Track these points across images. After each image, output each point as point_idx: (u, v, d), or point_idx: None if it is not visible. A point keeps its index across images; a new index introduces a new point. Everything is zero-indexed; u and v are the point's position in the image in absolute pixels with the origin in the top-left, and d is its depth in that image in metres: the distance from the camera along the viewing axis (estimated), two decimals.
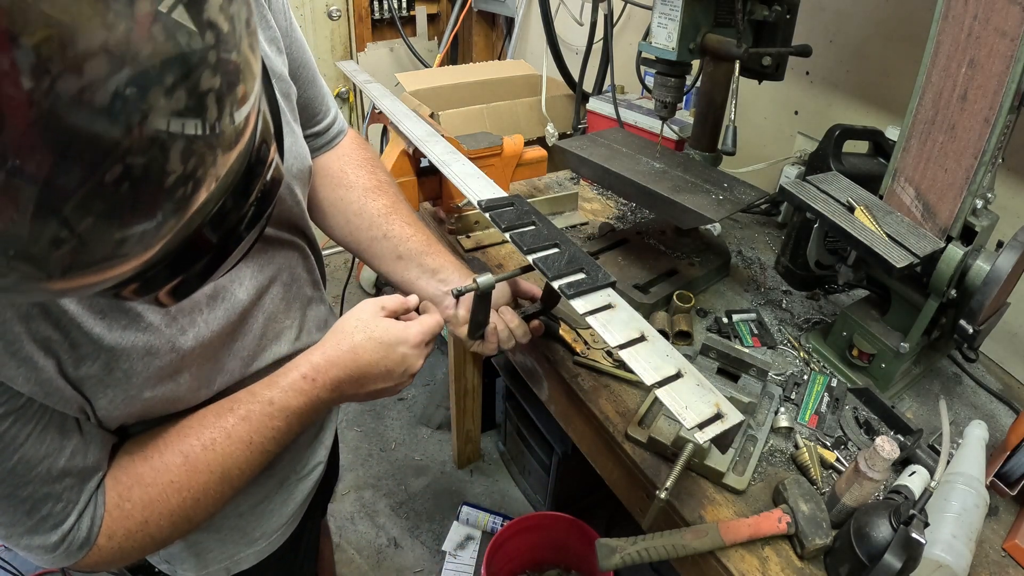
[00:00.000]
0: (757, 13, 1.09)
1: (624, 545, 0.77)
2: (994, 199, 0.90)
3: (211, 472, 0.64)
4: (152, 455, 0.63)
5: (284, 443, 0.70)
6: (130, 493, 0.61)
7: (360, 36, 2.67)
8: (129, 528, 0.61)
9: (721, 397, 0.65)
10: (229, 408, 0.66)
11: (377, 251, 0.87)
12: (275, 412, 0.67)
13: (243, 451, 0.66)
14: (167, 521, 0.62)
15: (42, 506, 0.56)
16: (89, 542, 0.59)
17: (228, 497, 0.67)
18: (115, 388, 0.57)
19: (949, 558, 0.71)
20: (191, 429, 0.64)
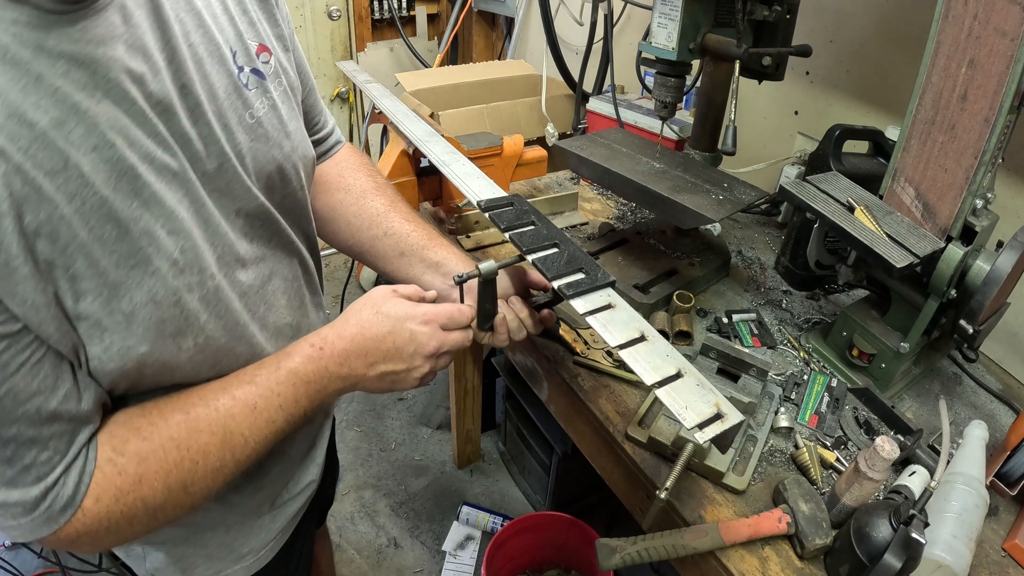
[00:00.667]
0: (757, 13, 1.09)
1: (624, 545, 0.77)
2: (994, 199, 0.90)
3: (212, 433, 0.60)
4: (151, 411, 0.60)
5: (292, 419, 0.66)
6: (125, 447, 0.57)
7: (360, 36, 2.67)
8: (120, 487, 0.56)
9: (721, 397, 0.65)
10: (235, 376, 0.64)
11: (379, 250, 0.86)
12: (282, 377, 0.65)
13: (247, 415, 0.62)
14: (162, 483, 0.58)
15: (26, 452, 0.51)
16: (74, 503, 0.54)
17: (228, 471, 0.63)
18: (113, 334, 0.53)
19: (949, 558, 0.71)
20: (193, 392, 0.62)
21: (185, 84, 0.56)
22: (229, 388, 0.63)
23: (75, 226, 0.48)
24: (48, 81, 0.46)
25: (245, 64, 0.64)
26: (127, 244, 0.52)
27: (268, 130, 0.66)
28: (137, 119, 0.52)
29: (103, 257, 0.51)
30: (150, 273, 0.54)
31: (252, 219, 0.66)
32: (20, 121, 0.45)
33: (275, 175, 0.68)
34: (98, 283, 0.51)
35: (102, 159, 0.50)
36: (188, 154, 0.57)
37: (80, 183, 0.48)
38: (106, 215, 0.50)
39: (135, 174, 0.52)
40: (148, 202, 0.53)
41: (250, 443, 0.63)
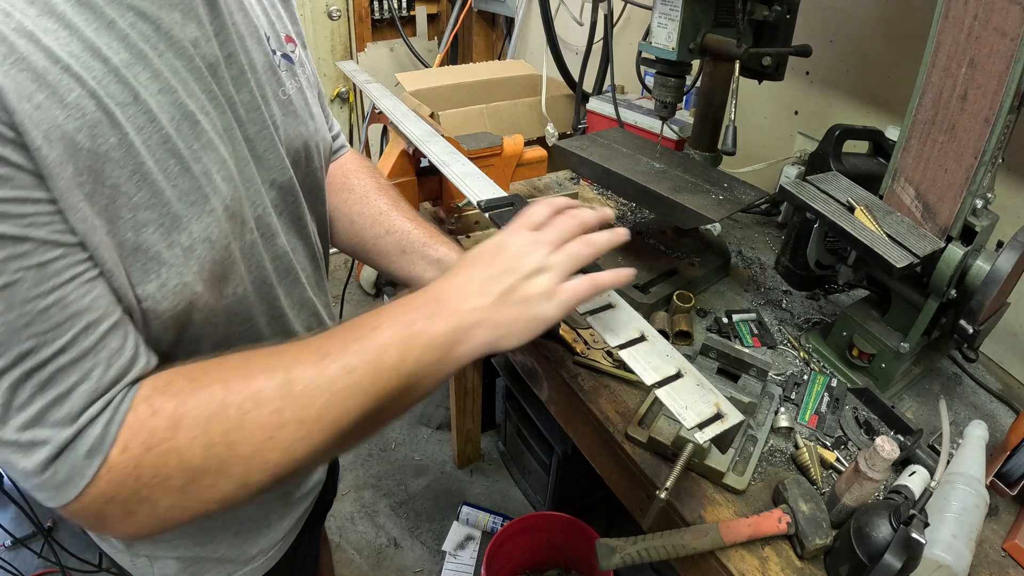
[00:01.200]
0: (757, 13, 1.09)
1: (624, 545, 0.77)
2: (994, 199, 0.90)
3: (270, 377, 0.51)
4: (209, 357, 0.53)
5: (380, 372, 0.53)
6: (167, 387, 0.50)
7: (360, 36, 2.67)
8: (153, 432, 0.47)
9: (721, 397, 0.65)
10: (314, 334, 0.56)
11: (382, 248, 0.87)
12: (362, 321, 0.56)
13: (316, 361, 0.52)
14: (202, 431, 0.48)
15: (63, 379, 0.45)
16: (101, 448, 0.46)
17: (290, 434, 0.50)
18: (171, 268, 0.51)
19: (949, 558, 0.71)
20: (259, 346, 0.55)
21: (231, 54, 0.59)
22: (302, 340, 0.55)
23: (143, 155, 0.49)
24: (119, 27, 0.48)
25: (277, 48, 0.68)
26: (188, 180, 0.52)
27: (297, 108, 0.69)
28: (195, 74, 0.54)
29: (166, 188, 0.51)
30: (207, 212, 0.54)
31: (283, 192, 0.68)
32: (94, 55, 0.47)
33: (301, 151, 0.70)
34: (160, 213, 0.50)
35: (167, 101, 0.51)
36: (234, 116, 0.59)
37: (147, 118, 0.50)
38: (170, 150, 0.51)
39: (195, 119, 0.54)
40: (206, 147, 0.54)
41: (317, 400, 0.51)
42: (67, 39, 0.45)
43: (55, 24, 0.45)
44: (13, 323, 0.43)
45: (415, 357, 0.54)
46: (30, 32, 0.43)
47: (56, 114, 0.44)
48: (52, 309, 0.44)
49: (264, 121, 0.63)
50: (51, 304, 0.44)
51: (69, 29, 0.46)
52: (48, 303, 0.44)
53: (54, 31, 0.45)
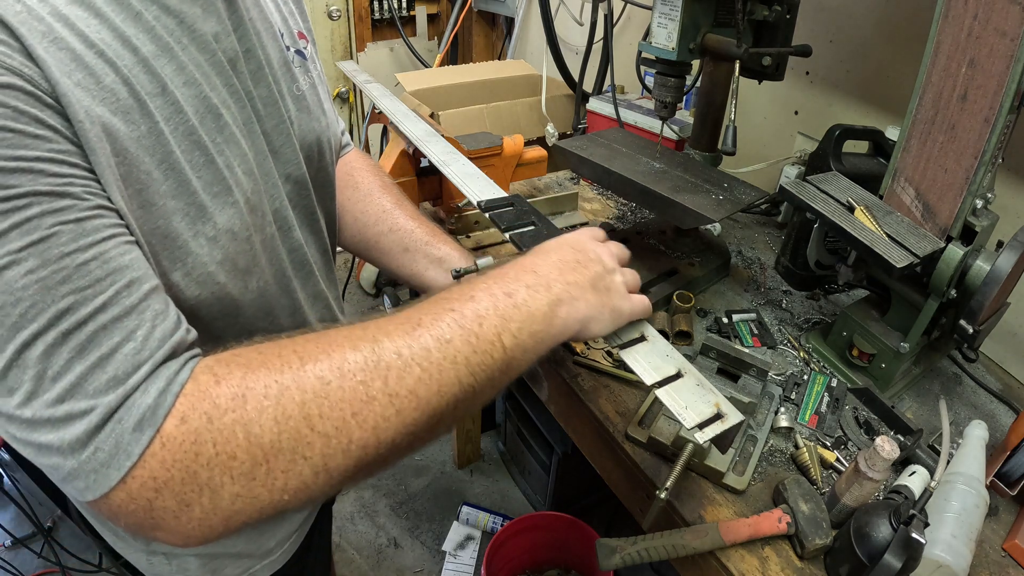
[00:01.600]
0: (757, 13, 1.09)
1: (624, 545, 0.77)
2: (994, 199, 0.90)
3: (354, 347, 0.45)
4: (276, 337, 0.48)
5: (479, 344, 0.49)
6: (233, 358, 0.44)
7: (360, 36, 2.67)
8: (217, 402, 0.41)
9: (721, 397, 0.65)
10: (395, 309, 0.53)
11: (384, 246, 0.88)
12: (454, 292, 0.53)
13: (407, 331, 0.47)
14: (274, 402, 0.42)
15: (105, 339, 0.40)
16: (155, 418, 0.40)
17: (380, 409, 0.45)
18: (196, 257, 0.51)
19: (949, 558, 0.71)
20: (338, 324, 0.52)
21: (249, 49, 0.59)
22: (384, 315, 0.50)
23: (171, 144, 0.49)
24: (146, 19, 0.49)
25: (290, 44, 0.69)
26: (212, 171, 0.53)
27: (310, 104, 0.70)
28: (216, 68, 0.55)
29: (192, 178, 0.51)
30: (230, 203, 0.54)
31: (297, 186, 0.68)
32: (124, 44, 0.47)
33: (314, 146, 0.71)
34: (186, 203, 0.50)
35: (192, 94, 0.52)
36: (253, 110, 0.60)
37: (174, 109, 0.50)
38: (195, 142, 0.52)
39: (218, 113, 0.54)
40: (228, 140, 0.55)
41: (413, 369, 0.46)
42: (98, 27, 0.46)
43: (85, 12, 0.46)
44: (48, 280, 0.39)
45: (515, 329, 0.51)
46: (65, 16, 0.44)
47: (95, 94, 0.45)
48: (92, 264, 0.41)
49: (281, 116, 0.64)
50: (90, 259, 0.41)
51: (100, 18, 0.46)
52: (87, 257, 0.41)
53: (85, 19, 0.46)
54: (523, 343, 0.52)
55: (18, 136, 0.40)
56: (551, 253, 0.60)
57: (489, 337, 0.50)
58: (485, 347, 0.49)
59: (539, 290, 0.54)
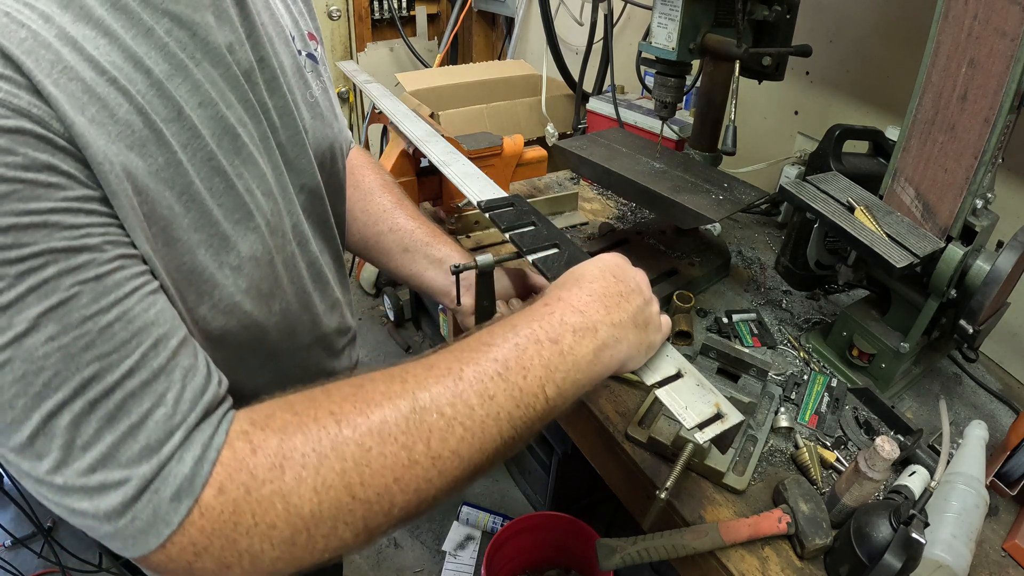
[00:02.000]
0: (757, 13, 1.09)
1: (624, 545, 0.77)
2: (994, 199, 0.90)
3: (394, 407, 0.43)
4: (313, 388, 0.46)
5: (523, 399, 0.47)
6: (268, 421, 0.43)
7: (360, 36, 2.67)
8: (255, 472, 0.40)
9: (721, 397, 0.65)
10: (433, 351, 0.50)
11: (384, 245, 0.87)
12: (497, 337, 0.49)
13: (449, 386, 0.45)
14: (312, 472, 0.40)
15: (134, 407, 0.39)
16: (192, 488, 0.39)
17: (422, 472, 0.43)
18: (222, 289, 0.50)
19: (949, 558, 0.71)
20: (372, 371, 0.48)
21: (263, 57, 0.57)
22: (421, 359, 0.48)
23: (190, 174, 0.47)
24: (158, 35, 0.46)
25: (302, 48, 0.66)
26: (233, 197, 0.51)
27: (323, 110, 0.68)
28: (231, 83, 0.52)
29: (214, 208, 0.49)
30: (252, 228, 0.52)
31: (311, 196, 0.67)
32: (136, 66, 0.44)
33: (327, 153, 0.69)
34: (210, 233, 0.48)
35: (207, 115, 0.49)
36: (268, 123, 0.58)
37: (192, 134, 0.47)
38: (214, 168, 0.49)
39: (235, 133, 0.52)
40: (246, 162, 0.53)
41: (455, 430, 0.44)
42: (107, 48, 0.43)
43: (93, 31, 0.42)
44: (70, 347, 0.38)
45: (559, 379, 0.49)
46: (73, 40, 0.41)
47: (110, 130, 0.41)
48: (115, 326, 0.39)
49: (296, 126, 0.61)
50: (114, 320, 0.39)
51: (108, 37, 0.43)
52: (110, 319, 0.39)
53: (93, 39, 0.42)
54: (565, 392, 0.50)
55: (29, 187, 0.37)
56: (595, 283, 0.57)
57: (533, 390, 0.48)
58: (528, 400, 0.48)
59: (585, 335, 0.52)
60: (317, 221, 0.70)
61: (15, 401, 0.37)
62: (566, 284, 0.58)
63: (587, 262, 0.62)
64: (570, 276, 0.60)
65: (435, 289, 0.87)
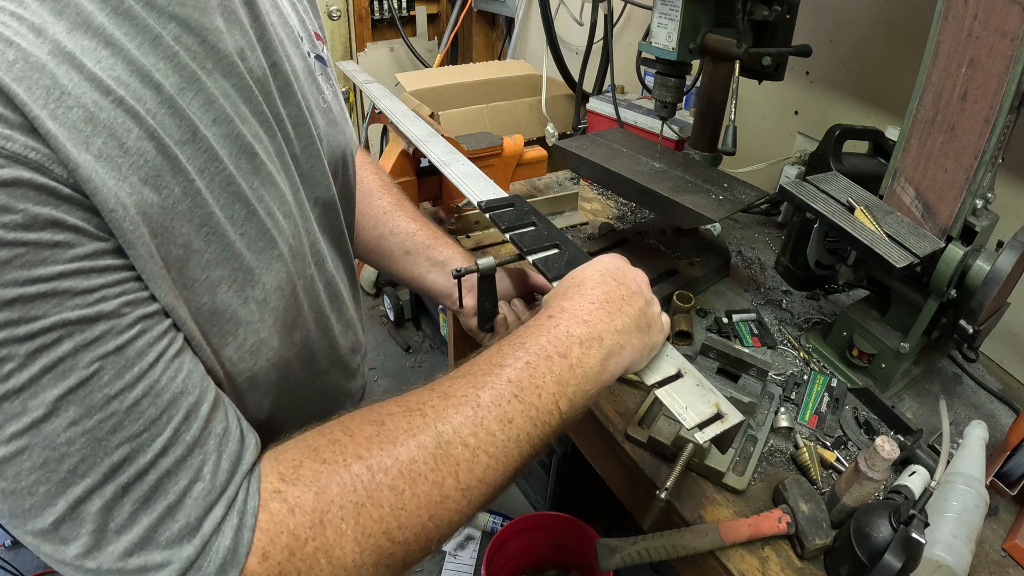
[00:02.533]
0: (757, 13, 1.09)
1: (624, 545, 0.77)
2: (994, 199, 0.90)
3: (420, 445, 0.43)
4: (332, 427, 0.45)
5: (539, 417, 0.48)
6: (297, 472, 0.41)
7: (360, 36, 2.67)
8: (295, 532, 0.39)
9: (721, 397, 0.65)
10: (442, 377, 0.50)
11: (385, 248, 0.87)
12: (508, 358, 0.49)
13: (470, 415, 0.45)
14: (353, 524, 0.41)
15: (171, 486, 0.37)
16: (236, 561, 0.38)
17: (454, 504, 0.44)
18: (247, 327, 0.46)
19: (949, 558, 0.71)
20: (386, 401, 0.48)
21: (275, 63, 0.52)
22: (435, 387, 0.48)
23: (209, 203, 0.42)
24: (166, 44, 0.41)
25: (311, 50, 0.62)
26: (255, 224, 0.46)
27: (336, 115, 0.64)
28: (244, 95, 0.47)
29: (236, 238, 0.44)
30: (276, 257, 0.48)
31: (326, 209, 0.62)
32: (144, 81, 0.39)
33: (339, 162, 0.65)
34: (232, 268, 0.44)
35: (223, 133, 0.44)
36: (283, 135, 0.53)
37: (208, 156, 0.42)
38: (234, 193, 0.44)
39: (252, 151, 0.46)
40: (266, 182, 0.48)
41: (480, 459, 0.45)
42: (110, 61, 0.38)
43: (93, 41, 0.37)
44: (96, 431, 0.35)
45: (571, 393, 0.50)
46: (70, 55, 0.36)
47: (120, 164, 0.37)
48: (143, 402, 0.36)
49: (311, 136, 0.57)
50: (140, 397, 0.36)
51: (111, 47, 0.38)
52: (137, 396, 0.36)
53: (93, 51, 0.37)
54: (576, 404, 0.51)
55: (33, 250, 0.33)
56: (596, 289, 0.56)
57: (548, 407, 0.48)
58: (544, 418, 0.48)
59: (592, 346, 0.52)
60: (332, 236, 0.65)
61: (35, 488, 0.34)
62: (568, 292, 0.57)
63: (586, 265, 0.62)
64: (571, 282, 0.59)
65: (437, 291, 0.86)
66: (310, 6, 0.69)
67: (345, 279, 0.69)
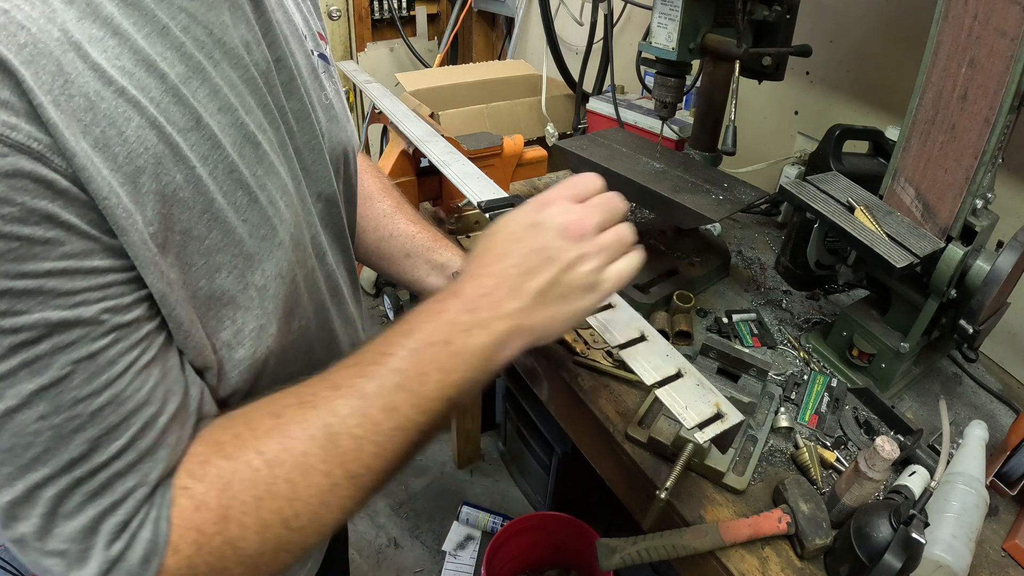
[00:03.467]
0: (757, 13, 1.09)
1: (624, 545, 0.77)
2: (994, 199, 0.90)
3: (310, 438, 0.45)
4: (235, 419, 0.48)
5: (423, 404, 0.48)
6: (204, 469, 0.44)
7: (360, 36, 2.67)
8: (201, 528, 0.43)
9: (721, 397, 0.65)
10: (335, 366, 0.51)
11: (385, 251, 0.87)
12: (393, 346, 0.49)
13: (355, 407, 0.47)
14: (253, 517, 0.44)
15: (119, 485, 0.40)
16: (157, 551, 0.41)
17: (343, 493, 0.47)
18: (247, 312, 0.48)
19: (949, 558, 0.71)
20: (285, 391, 0.50)
21: (280, 58, 0.54)
22: (328, 376, 0.50)
23: (212, 190, 0.44)
24: (173, 34, 0.42)
25: (314, 48, 0.64)
26: (257, 212, 0.48)
27: (337, 112, 0.65)
28: (250, 86, 0.49)
29: (237, 225, 0.46)
30: (277, 244, 0.49)
31: (328, 204, 0.63)
32: (149, 70, 0.41)
33: (341, 158, 0.66)
34: (233, 254, 0.46)
35: (228, 122, 0.46)
36: (286, 128, 0.54)
37: (211, 144, 0.44)
38: (237, 180, 0.46)
39: (256, 141, 0.48)
40: (269, 171, 0.49)
41: (366, 448, 0.47)
42: (116, 50, 0.39)
43: (101, 30, 0.38)
44: (61, 428, 0.38)
45: (457, 379, 0.50)
46: (76, 43, 0.37)
47: (118, 152, 0.38)
48: (107, 409, 0.39)
49: (313, 130, 0.58)
50: (105, 404, 0.39)
51: (118, 37, 0.39)
52: (102, 402, 0.39)
53: (100, 40, 0.38)
54: (463, 389, 0.51)
55: (26, 245, 0.34)
56: (497, 263, 0.53)
57: (433, 395, 0.49)
58: (430, 405, 0.49)
59: (477, 334, 0.50)
60: (334, 231, 0.66)
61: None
62: (469, 267, 0.54)
63: (505, 220, 0.55)
64: (479, 250, 0.55)
65: None
66: (313, 7, 0.70)
67: (346, 275, 0.70)
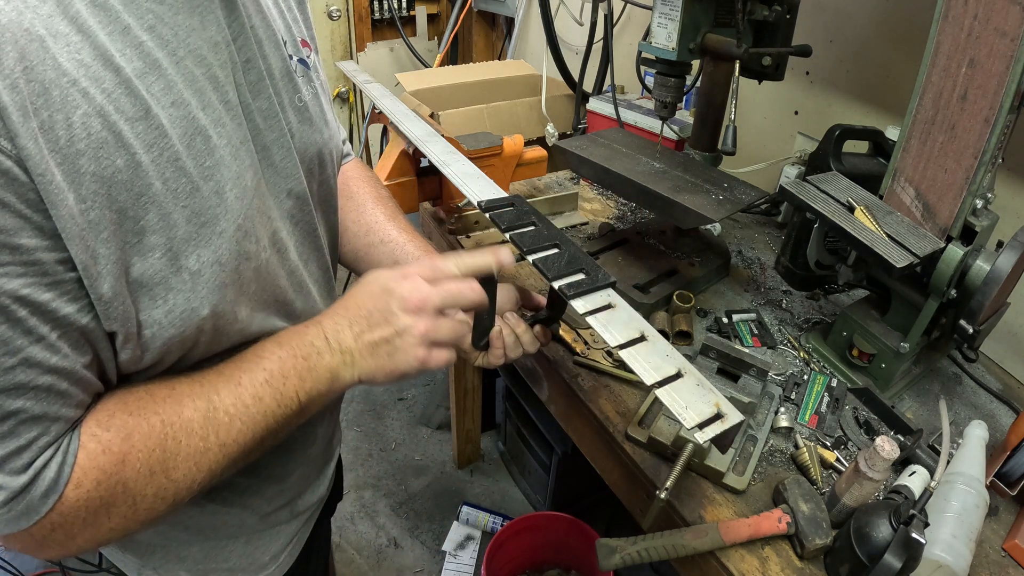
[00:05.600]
0: (757, 13, 1.09)
1: (624, 545, 0.77)
2: (994, 199, 0.90)
3: (195, 408, 0.55)
4: (139, 389, 0.55)
5: (283, 400, 0.60)
6: (111, 420, 0.52)
7: (360, 36, 2.67)
8: (103, 468, 0.50)
9: (721, 397, 0.65)
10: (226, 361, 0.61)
11: (374, 257, 0.87)
12: (265, 351, 0.60)
13: (232, 391, 0.57)
14: (144, 463, 0.52)
15: (24, 432, 0.47)
16: (56, 489, 0.48)
17: (213, 457, 0.56)
18: (178, 294, 0.52)
19: (949, 558, 0.71)
20: (184, 373, 0.58)
21: (249, 59, 0.58)
22: (217, 367, 0.59)
23: (151, 175, 0.48)
24: (134, 34, 0.47)
25: (293, 53, 0.67)
26: (198, 200, 0.51)
27: (312, 115, 0.68)
28: (212, 82, 0.53)
29: (175, 211, 0.50)
30: (217, 233, 0.53)
31: (299, 202, 0.67)
32: (106, 64, 0.45)
33: (315, 160, 0.70)
34: (167, 237, 0.50)
35: (179, 115, 0.50)
36: (251, 126, 0.59)
37: (158, 134, 0.48)
38: (180, 169, 0.50)
39: (207, 134, 0.52)
40: (219, 164, 0.53)
41: (236, 424, 0.57)
42: (79, 45, 0.44)
43: (68, 27, 0.43)
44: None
45: (308, 387, 0.61)
46: (41, 37, 0.42)
47: (60, 135, 0.43)
48: (16, 370, 0.45)
49: (281, 129, 0.62)
50: (15, 365, 0.44)
51: (82, 34, 0.44)
52: (12, 363, 0.44)
53: (65, 35, 0.43)
54: (314, 398, 0.62)
55: None
56: (354, 310, 0.64)
57: (290, 394, 0.60)
58: (286, 402, 0.60)
59: (323, 358, 0.62)
60: (305, 229, 0.70)
61: None
62: (335, 305, 0.66)
63: (373, 278, 0.66)
64: (349, 293, 0.66)
65: None
66: (300, 16, 0.73)
67: (319, 276, 0.74)
